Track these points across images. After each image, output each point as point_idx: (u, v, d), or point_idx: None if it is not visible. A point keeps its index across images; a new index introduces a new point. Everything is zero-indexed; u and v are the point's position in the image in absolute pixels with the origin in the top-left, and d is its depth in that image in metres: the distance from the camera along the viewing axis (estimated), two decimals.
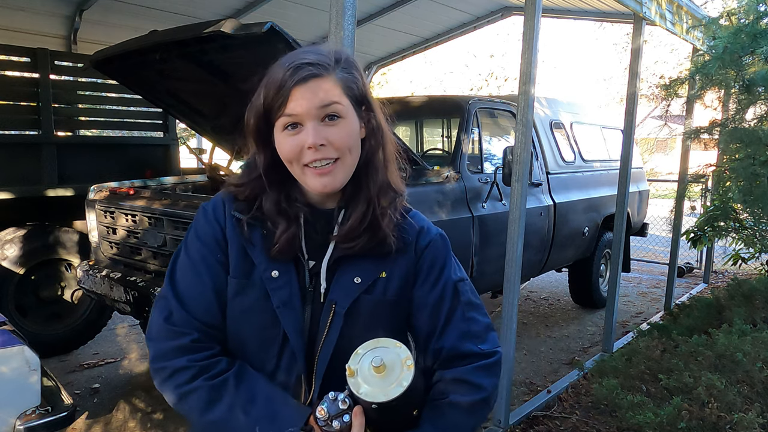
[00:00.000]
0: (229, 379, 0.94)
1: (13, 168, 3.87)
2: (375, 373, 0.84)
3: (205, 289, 0.99)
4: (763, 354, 2.40)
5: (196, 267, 1.00)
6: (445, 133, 4.53)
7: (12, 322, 2.55)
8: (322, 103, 0.92)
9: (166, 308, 0.98)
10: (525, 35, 2.80)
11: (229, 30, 2.42)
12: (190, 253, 1.02)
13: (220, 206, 1.03)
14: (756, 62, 3.68)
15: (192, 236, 1.04)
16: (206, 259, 1.00)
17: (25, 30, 4.84)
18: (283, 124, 0.94)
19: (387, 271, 1.00)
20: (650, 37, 13.83)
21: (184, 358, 0.94)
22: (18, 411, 1.79)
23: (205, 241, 1.01)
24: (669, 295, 5.44)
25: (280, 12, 5.62)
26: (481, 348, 1.01)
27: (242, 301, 0.99)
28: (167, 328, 0.97)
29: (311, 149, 0.92)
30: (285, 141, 0.94)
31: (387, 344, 0.88)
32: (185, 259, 1.02)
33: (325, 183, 0.94)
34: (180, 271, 1.01)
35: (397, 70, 13.55)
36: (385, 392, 0.84)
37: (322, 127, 0.92)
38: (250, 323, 0.99)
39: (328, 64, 0.94)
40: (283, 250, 0.98)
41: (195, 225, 1.05)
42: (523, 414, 3.24)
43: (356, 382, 0.85)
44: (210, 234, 1.01)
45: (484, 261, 3.59)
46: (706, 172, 4.93)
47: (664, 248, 7.79)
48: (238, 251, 1.00)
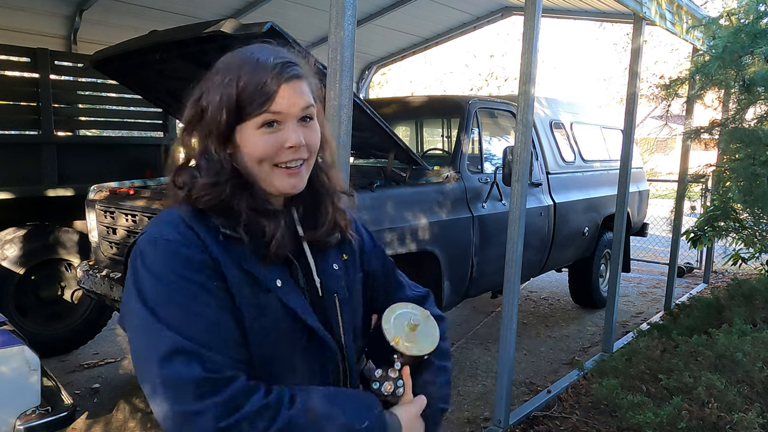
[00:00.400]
0: (305, 401, 0.85)
1: (13, 168, 3.87)
2: (411, 331, 0.97)
3: (224, 323, 0.84)
4: (763, 354, 2.40)
5: (205, 301, 0.83)
6: (445, 133, 4.53)
7: (12, 322, 2.55)
8: (305, 104, 0.92)
9: (195, 360, 0.79)
10: (525, 35, 2.80)
11: (229, 30, 2.42)
12: (181, 289, 0.83)
13: (185, 228, 0.88)
14: (756, 62, 3.68)
15: (166, 271, 0.84)
16: (210, 288, 0.85)
17: (25, 30, 4.84)
18: (261, 122, 0.90)
19: (345, 253, 1.08)
20: (650, 37, 13.85)
21: (255, 398, 0.80)
22: (18, 411, 1.79)
23: (195, 269, 0.85)
24: (669, 295, 5.44)
25: (280, 12, 5.62)
26: (419, 291, 1.20)
27: (263, 323, 0.89)
28: (213, 380, 0.78)
29: (292, 149, 0.91)
30: (261, 139, 0.90)
31: (399, 308, 1.01)
32: (177, 299, 0.82)
33: (294, 183, 0.94)
34: (181, 315, 0.81)
35: (397, 70, 13.56)
36: (431, 341, 0.99)
37: (300, 127, 0.93)
38: (276, 338, 0.91)
39: (305, 66, 0.96)
40: (279, 249, 0.92)
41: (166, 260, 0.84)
42: (523, 414, 3.24)
43: (407, 347, 0.96)
44: (197, 258, 0.85)
45: (484, 261, 3.59)
46: (706, 172, 4.93)
47: (664, 248, 7.79)
48: (236, 272, 0.88)
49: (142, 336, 0.83)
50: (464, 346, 4.50)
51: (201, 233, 0.88)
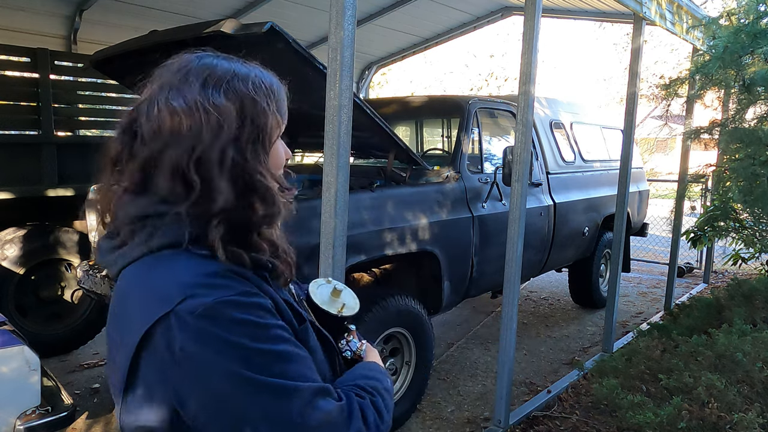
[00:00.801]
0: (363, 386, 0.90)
1: (13, 168, 3.87)
2: (337, 297, 1.04)
3: (304, 352, 0.82)
4: (763, 354, 2.40)
5: (290, 341, 0.78)
6: (445, 133, 4.52)
7: (12, 322, 2.55)
8: None
9: (327, 396, 0.78)
10: (525, 35, 2.80)
11: (229, 30, 2.42)
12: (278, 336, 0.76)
13: (237, 277, 0.77)
14: (756, 62, 3.68)
15: (261, 327, 0.74)
16: (285, 327, 0.80)
17: (25, 30, 4.84)
18: (281, 131, 0.90)
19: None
20: (650, 37, 13.86)
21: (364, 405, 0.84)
22: (18, 411, 1.79)
23: (272, 313, 0.78)
24: (669, 295, 5.44)
25: (280, 12, 5.62)
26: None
27: (312, 340, 0.90)
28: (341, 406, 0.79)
29: (286, 162, 0.92)
30: (282, 149, 0.90)
31: (314, 285, 1.05)
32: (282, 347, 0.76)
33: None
34: (291, 361, 0.76)
35: (397, 70, 13.57)
36: (351, 294, 1.07)
37: None
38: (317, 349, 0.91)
39: None
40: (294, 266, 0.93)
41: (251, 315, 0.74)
42: (523, 414, 3.24)
43: (348, 309, 1.03)
44: (267, 304, 0.78)
45: (484, 261, 3.59)
46: (706, 172, 4.94)
47: (664, 248, 7.79)
48: (279, 302, 0.83)
49: (260, 407, 0.72)
50: (464, 346, 4.50)
51: (246, 274, 0.79)
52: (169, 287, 0.73)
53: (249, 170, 0.79)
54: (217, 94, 0.79)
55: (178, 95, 0.79)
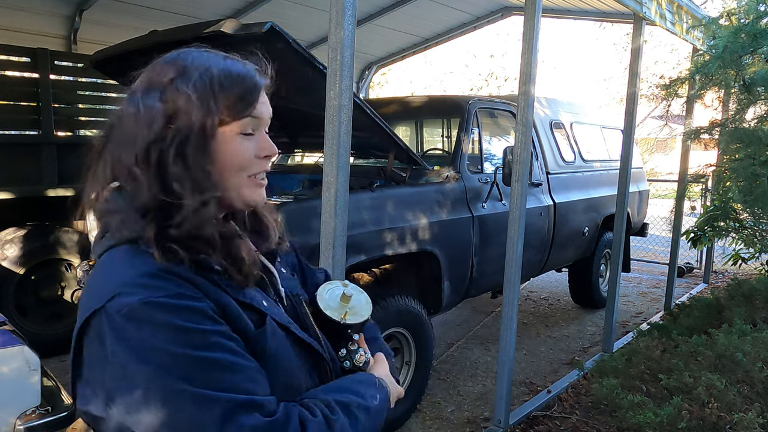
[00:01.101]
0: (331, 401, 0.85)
1: (13, 168, 3.86)
2: (347, 303, 1.00)
3: (250, 362, 0.78)
4: (763, 354, 2.40)
5: (229, 349, 0.75)
6: (445, 133, 4.52)
7: (12, 322, 2.55)
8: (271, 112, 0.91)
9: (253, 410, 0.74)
10: (525, 35, 2.80)
11: (229, 30, 2.42)
12: (207, 343, 0.73)
13: (171, 276, 0.75)
14: (756, 62, 3.68)
15: (190, 332, 0.72)
16: (225, 333, 0.76)
17: (25, 30, 4.84)
18: (243, 127, 0.83)
19: (281, 257, 1.07)
20: (650, 37, 13.86)
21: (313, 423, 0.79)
22: (18, 411, 1.79)
23: (212, 319, 0.75)
24: (669, 295, 5.44)
25: (280, 12, 5.62)
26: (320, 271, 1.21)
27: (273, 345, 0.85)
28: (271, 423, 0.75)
29: (267, 158, 0.86)
30: (243, 146, 0.83)
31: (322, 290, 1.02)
32: (208, 355, 0.72)
33: (263, 194, 0.88)
34: (220, 370, 0.73)
35: (397, 70, 13.57)
36: (366, 305, 1.03)
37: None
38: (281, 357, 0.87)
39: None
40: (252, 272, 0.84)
41: (171, 322, 0.71)
42: (523, 414, 3.24)
43: (353, 317, 0.99)
44: (204, 309, 0.75)
45: (484, 261, 3.59)
46: (706, 172, 4.94)
47: (664, 248, 7.79)
48: (232, 305, 0.80)
49: (178, 414, 0.70)
50: (464, 346, 4.50)
51: (190, 278, 0.77)
52: (106, 282, 0.75)
53: (170, 171, 0.79)
54: (154, 95, 0.82)
55: (130, 97, 0.85)
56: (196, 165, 0.79)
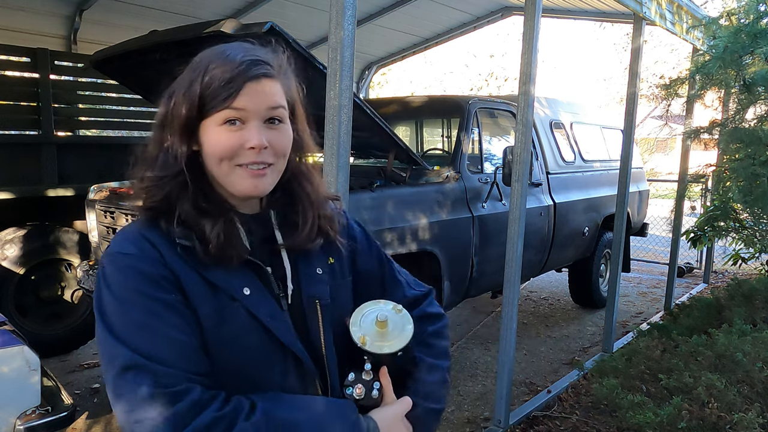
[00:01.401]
0: (267, 410, 0.83)
1: (13, 168, 3.87)
2: (380, 329, 0.92)
3: (179, 336, 0.82)
4: (763, 354, 2.40)
5: (156, 314, 0.82)
6: (445, 133, 4.52)
7: (12, 322, 2.55)
8: (271, 104, 0.89)
9: (145, 375, 0.78)
10: (525, 35, 2.80)
11: (229, 30, 2.42)
12: (137, 304, 0.82)
13: (143, 241, 0.87)
14: (756, 62, 3.68)
15: (124, 287, 0.83)
16: (164, 301, 0.83)
17: (25, 30, 4.84)
18: (223, 118, 0.87)
19: (331, 256, 1.04)
20: (650, 37, 13.85)
21: (209, 411, 0.79)
22: (18, 411, 1.79)
23: (152, 282, 0.83)
24: (669, 295, 5.44)
25: (280, 12, 5.62)
26: (421, 290, 1.16)
27: (226, 332, 0.87)
28: (163, 395, 0.77)
29: (253, 150, 0.87)
30: (222, 136, 0.87)
31: (369, 307, 0.97)
32: (132, 314, 0.82)
33: (256, 185, 0.90)
34: (134, 330, 0.81)
35: (397, 70, 13.57)
36: (402, 337, 0.93)
37: (264, 128, 0.89)
38: (244, 349, 0.88)
39: (278, 66, 0.92)
40: (220, 249, 0.87)
41: (118, 275, 0.84)
42: (523, 414, 3.24)
43: (375, 346, 0.91)
44: (154, 273, 0.84)
45: (484, 261, 3.59)
46: (706, 172, 4.93)
47: (664, 248, 7.79)
48: (195, 282, 0.86)
49: (102, 348, 0.83)
50: (464, 346, 4.50)
51: (159, 245, 0.86)
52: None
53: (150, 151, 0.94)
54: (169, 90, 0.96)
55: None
56: (169, 148, 0.90)
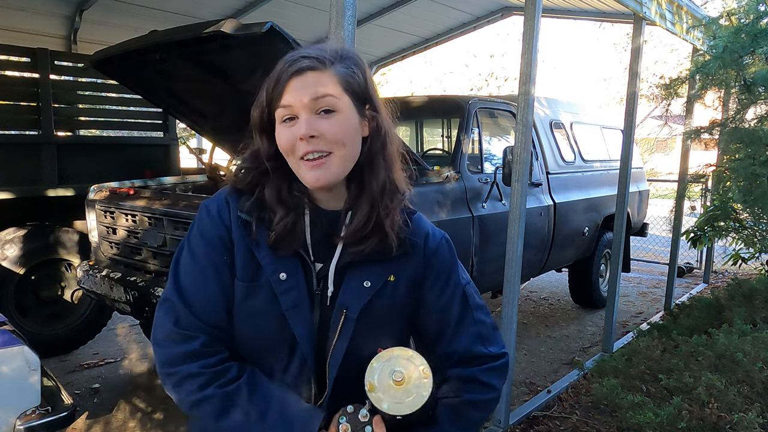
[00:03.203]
0: (242, 387, 0.92)
1: (13, 168, 3.87)
2: (395, 385, 0.86)
3: (212, 291, 0.97)
4: (763, 354, 2.40)
5: (202, 268, 0.97)
6: (445, 133, 4.53)
7: (12, 322, 2.55)
8: (315, 95, 0.91)
9: (173, 311, 0.95)
10: (525, 35, 2.80)
11: (229, 30, 2.42)
12: (195, 254, 0.99)
13: (224, 206, 1.00)
14: (756, 62, 3.68)
15: (196, 236, 1.00)
16: (212, 260, 0.97)
17: (25, 30, 4.84)
18: (281, 116, 0.94)
19: (395, 274, 1.01)
20: (650, 37, 13.84)
21: (195, 364, 0.92)
22: (18, 411, 1.79)
23: (211, 242, 0.98)
24: (669, 295, 5.44)
25: (280, 12, 5.62)
26: (491, 350, 1.06)
27: (250, 305, 0.97)
28: (176, 332, 0.94)
29: (302, 140, 0.92)
30: (282, 132, 0.95)
31: (400, 353, 0.90)
32: (189, 260, 0.99)
33: (318, 176, 0.93)
34: (184, 273, 0.98)
35: (397, 70, 13.56)
36: (408, 405, 0.86)
37: (315, 119, 0.92)
38: (259, 326, 0.97)
39: (326, 59, 0.94)
40: (280, 238, 0.96)
41: (198, 224, 1.01)
42: (523, 414, 3.24)
43: (378, 398, 0.86)
44: (215, 234, 0.98)
45: (484, 261, 3.59)
46: (706, 172, 4.93)
47: (664, 248, 7.79)
48: (244, 253, 0.97)
49: (171, 268, 1.02)
50: None
51: (232, 211, 0.99)
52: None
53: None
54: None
55: None
56: (254, 143, 1.01)
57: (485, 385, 1.03)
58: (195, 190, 3.88)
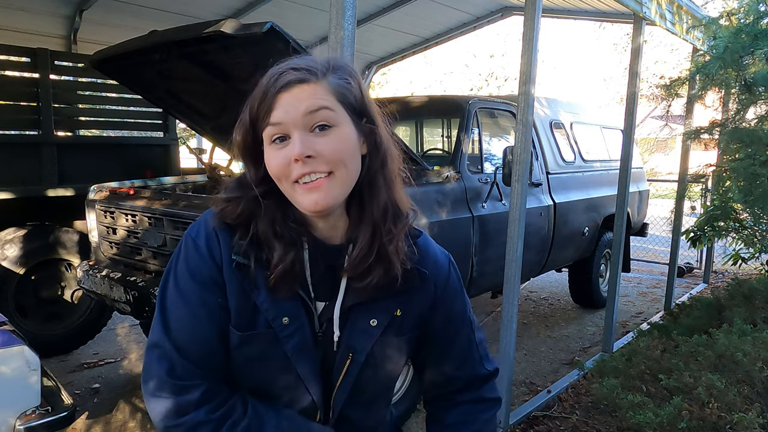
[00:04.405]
0: (251, 426, 0.88)
1: (13, 168, 3.87)
2: None
3: (208, 335, 0.88)
4: (763, 354, 2.40)
5: (195, 312, 0.88)
6: (445, 133, 4.52)
7: (12, 322, 2.55)
8: (308, 109, 0.82)
9: (166, 360, 0.87)
10: (525, 35, 2.80)
11: (229, 30, 2.42)
12: (186, 295, 0.88)
13: (213, 240, 0.89)
14: (756, 62, 3.68)
15: (184, 274, 0.89)
16: (205, 302, 0.88)
17: (25, 30, 4.84)
18: (269, 137, 0.84)
19: (402, 308, 0.95)
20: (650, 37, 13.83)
21: (201, 411, 0.85)
22: (18, 411, 1.79)
23: (202, 283, 0.88)
24: (669, 295, 5.44)
25: (280, 12, 5.62)
26: (490, 368, 1.10)
27: (248, 351, 0.89)
28: (172, 383, 0.86)
29: (298, 162, 0.82)
30: (272, 155, 0.85)
31: None
32: (180, 302, 0.88)
33: (316, 199, 0.83)
34: (175, 317, 0.88)
35: (397, 70, 13.56)
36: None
37: (310, 137, 0.82)
38: (258, 370, 0.91)
39: (317, 70, 0.85)
40: (280, 280, 0.86)
41: (186, 260, 0.90)
42: (523, 414, 3.24)
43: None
44: (207, 275, 0.88)
45: (484, 261, 3.59)
46: (706, 172, 4.93)
47: (664, 248, 7.79)
48: (238, 296, 0.88)
49: (156, 308, 0.91)
50: None
51: (223, 249, 0.89)
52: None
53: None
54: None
55: None
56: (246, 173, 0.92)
57: (494, 401, 1.09)
58: (195, 190, 3.88)
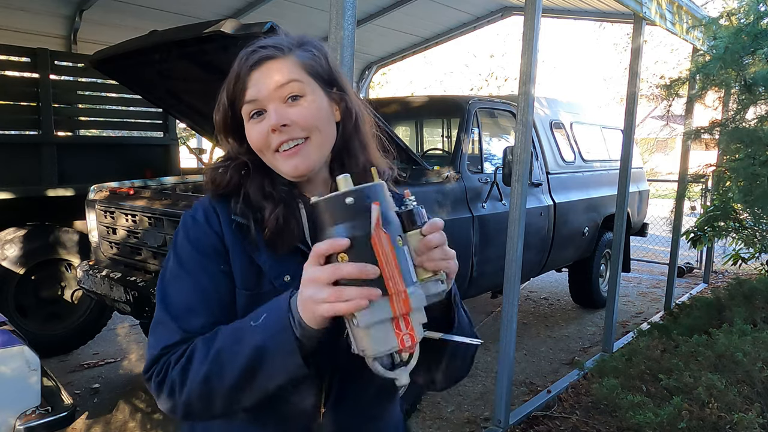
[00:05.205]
0: (220, 328, 0.85)
1: (13, 168, 3.87)
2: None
3: (210, 301, 0.89)
4: (763, 354, 2.40)
5: (197, 278, 0.90)
6: (445, 133, 4.52)
7: (12, 322, 2.55)
8: (279, 82, 0.89)
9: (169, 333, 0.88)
10: (525, 35, 2.80)
11: (229, 30, 2.42)
12: (187, 266, 0.91)
13: (211, 212, 0.94)
14: (756, 62, 3.68)
15: (184, 246, 0.93)
16: (210, 272, 0.91)
17: (25, 30, 4.84)
18: (248, 113, 0.91)
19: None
20: (650, 37, 13.82)
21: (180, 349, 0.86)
22: (18, 411, 1.79)
23: (203, 251, 0.92)
24: (669, 295, 5.44)
25: (280, 12, 5.62)
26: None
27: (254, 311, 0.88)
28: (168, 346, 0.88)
29: (275, 132, 0.88)
30: (252, 129, 0.91)
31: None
32: (182, 274, 0.91)
33: (296, 164, 0.90)
34: (177, 290, 0.90)
35: (397, 70, 13.55)
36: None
37: (284, 107, 0.89)
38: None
39: (284, 46, 0.92)
40: (275, 234, 0.90)
41: (186, 234, 0.94)
42: (523, 414, 3.24)
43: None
44: (207, 242, 0.92)
45: (484, 261, 3.59)
46: (706, 172, 4.93)
47: (664, 248, 7.79)
48: (242, 260, 0.92)
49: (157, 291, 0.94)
50: None
51: (222, 217, 0.94)
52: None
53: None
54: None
55: None
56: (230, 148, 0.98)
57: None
58: (195, 190, 3.88)
